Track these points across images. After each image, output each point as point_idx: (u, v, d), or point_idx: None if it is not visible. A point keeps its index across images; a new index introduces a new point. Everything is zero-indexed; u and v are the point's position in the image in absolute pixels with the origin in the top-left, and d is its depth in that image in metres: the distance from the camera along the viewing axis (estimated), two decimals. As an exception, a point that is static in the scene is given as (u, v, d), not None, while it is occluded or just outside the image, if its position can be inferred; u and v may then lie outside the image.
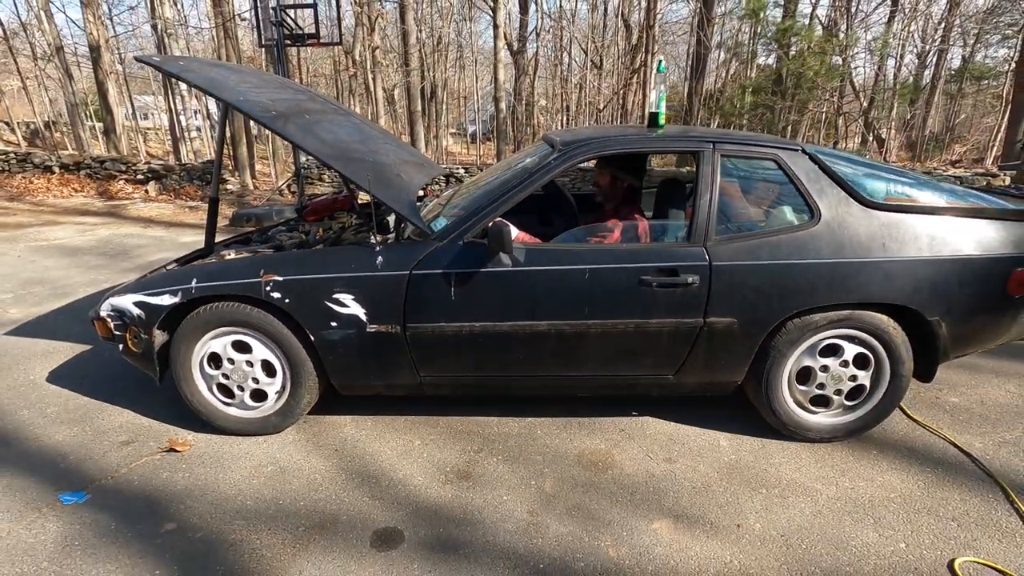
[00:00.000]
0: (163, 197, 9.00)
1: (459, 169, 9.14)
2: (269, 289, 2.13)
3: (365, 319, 2.14)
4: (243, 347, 2.25)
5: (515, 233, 2.32)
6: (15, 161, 9.54)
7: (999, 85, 16.30)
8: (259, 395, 2.33)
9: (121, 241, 6.17)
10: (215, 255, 2.59)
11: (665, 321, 2.13)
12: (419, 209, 2.35)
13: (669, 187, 2.68)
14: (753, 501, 1.99)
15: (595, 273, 2.10)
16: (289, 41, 8.13)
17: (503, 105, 13.05)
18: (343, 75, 19.31)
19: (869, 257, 2.09)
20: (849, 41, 11.27)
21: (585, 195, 3.37)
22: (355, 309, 2.13)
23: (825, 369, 2.23)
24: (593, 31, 18.06)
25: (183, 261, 2.62)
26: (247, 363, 2.26)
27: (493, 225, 2.02)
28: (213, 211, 2.75)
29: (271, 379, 2.29)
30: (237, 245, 2.85)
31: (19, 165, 9.52)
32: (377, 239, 2.23)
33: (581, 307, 2.11)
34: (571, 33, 18.01)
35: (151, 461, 2.21)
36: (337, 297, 2.12)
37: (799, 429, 2.32)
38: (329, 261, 2.16)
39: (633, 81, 15.40)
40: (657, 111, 2.50)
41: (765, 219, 2.38)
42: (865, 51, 12.78)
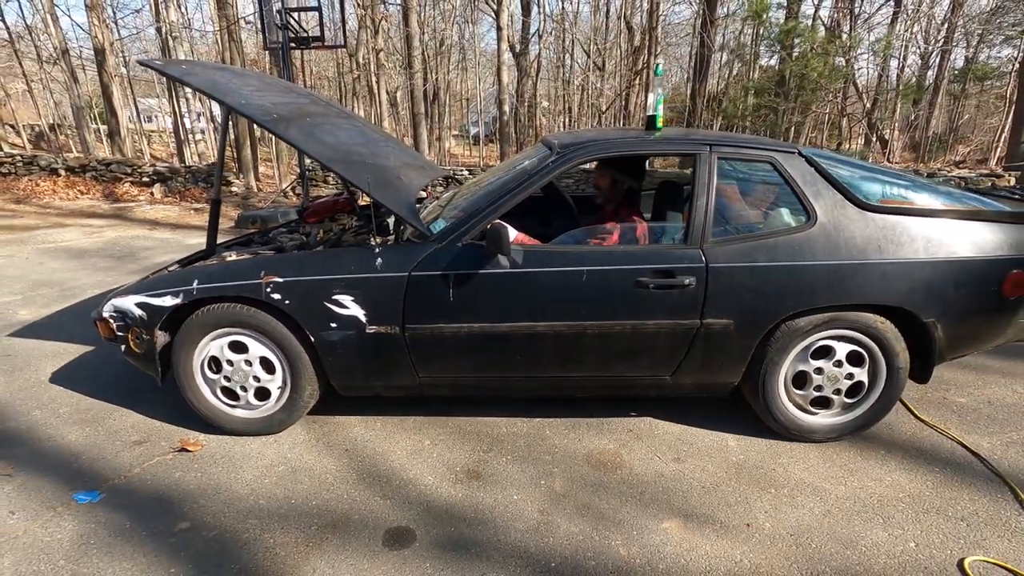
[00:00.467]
0: (168, 199, 9.04)
1: (462, 171, 9.17)
2: (269, 290, 2.15)
3: (364, 320, 2.15)
4: (243, 348, 2.27)
5: (514, 235, 2.34)
6: (21, 164, 9.60)
7: (1003, 85, 16.29)
8: (261, 395, 2.35)
9: (128, 243, 6.21)
10: (216, 256, 2.61)
11: (662, 322, 2.14)
12: (419, 211, 2.36)
13: (667, 189, 2.69)
14: (762, 501, 2.00)
15: (592, 275, 2.11)
16: (294, 44, 8.17)
17: (507, 107, 13.07)
18: (346, 77, 19.37)
19: (865, 259, 2.10)
20: (852, 42, 11.28)
21: (586, 197, 3.39)
22: (355, 310, 2.15)
23: (821, 371, 2.25)
24: (595, 33, 18.10)
25: (185, 262, 2.64)
26: (247, 363, 2.28)
27: (491, 227, 2.04)
28: (215, 213, 2.77)
29: (271, 379, 2.31)
30: (238, 247, 2.87)
31: (25, 168, 9.58)
32: (377, 241, 2.24)
33: (579, 308, 2.13)
34: (573, 35, 18.05)
35: (163, 461, 2.23)
36: (337, 298, 2.14)
37: (796, 429, 2.33)
38: (329, 262, 2.18)
39: (636, 83, 15.43)
40: (655, 114, 2.52)
41: (762, 221, 2.38)
42: (868, 52, 12.78)
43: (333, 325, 2.16)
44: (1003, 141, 14.55)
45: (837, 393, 2.27)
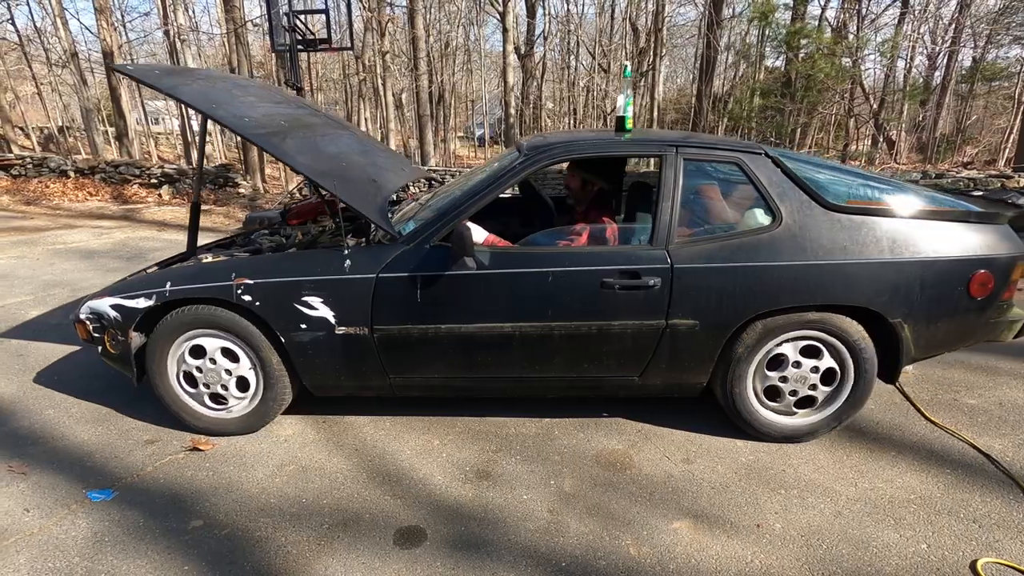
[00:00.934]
0: (176, 200, 9.09)
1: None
2: (240, 292, 2.17)
3: (334, 321, 2.17)
4: (218, 349, 2.29)
5: (484, 236, 2.35)
6: (31, 166, 9.69)
7: (1011, 86, 16.19)
8: (232, 396, 2.37)
9: (136, 244, 6.25)
10: (194, 259, 2.63)
11: (628, 323, 2.15)
12: (395, 212, 2.34)
13: (638, 190, 2.70)
14: (772, 501, 2.00)
15: (558, 276, 2.12)
16: (301, 46, 8.21)
17: (512, 109, 13.09)
18: (352, 80, 19.45)
19: (830, 260, 2.10)
20: (860, 43, 11.24)
21: (565, 198, 3.39)
22: (324, 311, 2.16)
23: (791, 369, 2.25)
24: (600, 35, 18.09)
25: (164, 264, 2.67)
26: (222, 366, 2.30)
27: (455, 229, 2.05)
28: (195, 215, 2.81)
29: (245, 381, 2.33)
30: (218, 249, 2.89)
31: (35, 170, 9.66)
32: (347, 243, 2.26)
33: (545, 309, 2.14)
34: (578, 37, 18.05)
35: (175, 460, 2.24)
36: (306, 300, 2.16)
37: (765, 429, 2.33)
38: (299, 264, 2.20)
39: (641, 84, 15.43)
40: (624, 115, 2.52)
41: (728, 222, 2.37)
42: (875, 52, 12.72)
43: (303, 326, 2.18)
44: (1012, 142, 14.47)
45: (797, 394, 2.28)
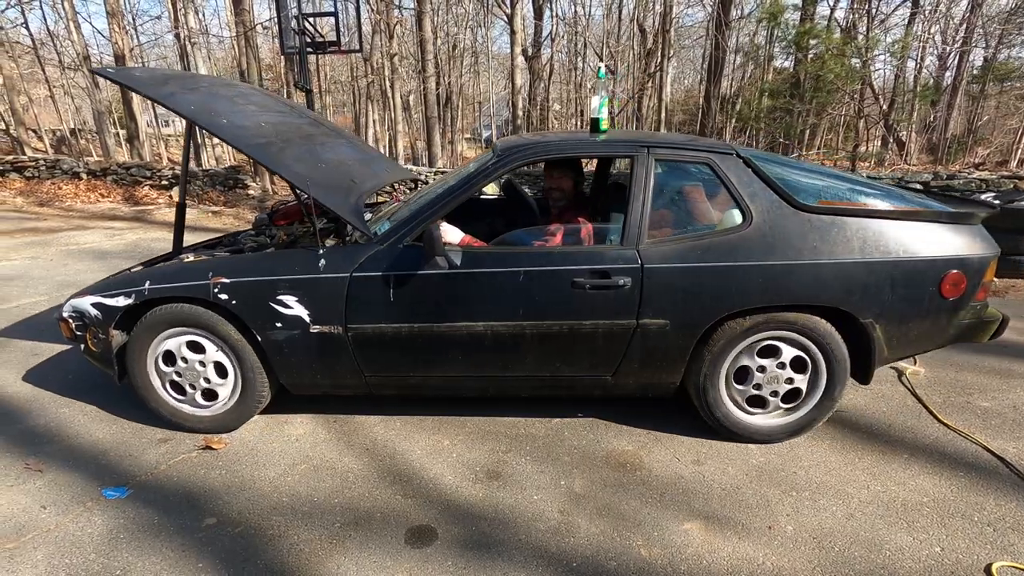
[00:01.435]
0: (187, 202, 9.17)
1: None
2: (217, 291, 2.20)
3: (308, 320, 2.19)
4: (195, 347, 2.33)
5: (459, 237, 2.36)
6: (44, 168, 9.80)
7: (1023, 86, 16.02)
8: (210, 394, 2.40)
9: (148, 245, 6.31)
10: (177, 258, 2.66)
11: (599, 323, 2.16)
12: (374, 213, 2.33)
13: (615, 191, 2.70)
14: (784, 503, 1.99)
15: (529, 275, 2.13)
16: (310, 49, 8.26)
17: (519, 110, 13.11)
18: (360, 81, 19.55)
19: (800, 259, 2.10)
20: (870, 43, 11.16)
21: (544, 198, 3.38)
22: (298, 310, 2.18)
23: (762, 370, 2.25)
24: (608, 36, 18.08)
25: (149, 264, 2.70)
26: (200, 363, 2.33)
27: (427, 228, 2.07)
28: (180, 216, 2.84)
29: (223, 379, 2.36)
30: (203, 249, 2.92)
31: (48, 171, 9.78)
32: (324, 243, 2.27)
33: (516, 309, 2.15)
34: (586, 38, 18.05)
35: (188, 458, 2.27)
36: (281, 299, 2.18)
37: (737, 429, 2.33)
38: (275, 264, 2.23)
39: (648, 86, 15.40)
40: (598, 116, 2.53)
41: (699, 222, 2.36)
42: (885, 53, 12.63)
43: (278, 325, 2.21)
44: (1023, 143, 14.32)
45: (774, 395, 2.28)
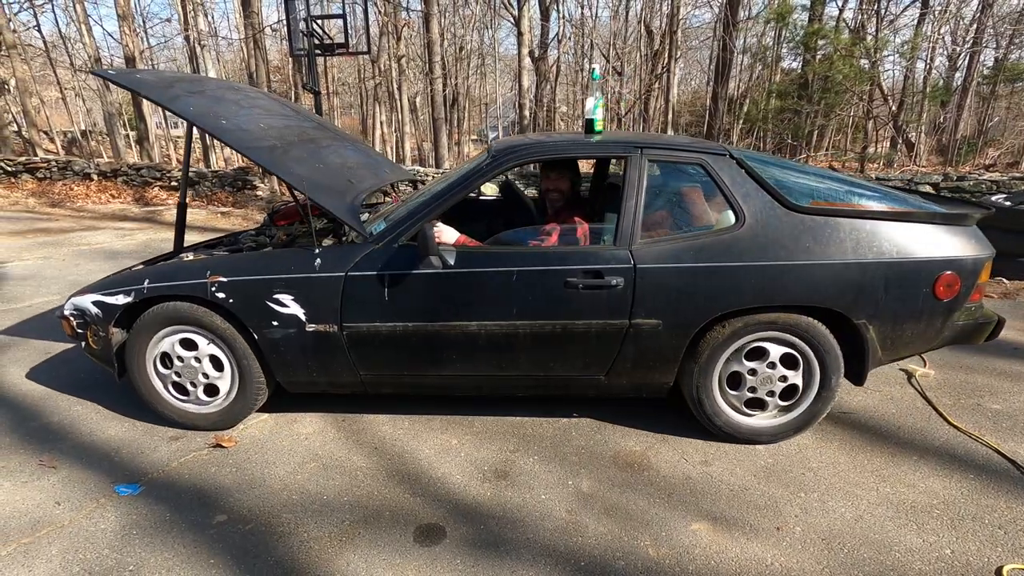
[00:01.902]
0: (196, 203, 9.24)
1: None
2: (214, 289, 2.22)
3: (304, 319, 2.21)
4: (192, 345, 2.35)
5: (455, 237, 2.37)
6: (56, 169, 9.91)
7: (1035, 87, 15.83)
8: (210, 391, 2.42)
9: (158, 246, 6.37)
10: (177, 257, 2.69)
11: (592, 323, 2.16)
12: (373, 214, 2.34)
13: (611, 192, 2.70)
14: (792, 504, 1.99)
15: (523, 275, 2.14)
16: (319, 51, 8.32)
17: (526, 112, 13.13)
18: (368, 83, 19.63)
19: (793, 260, 2.10)
20: (879, 44, 11.10)
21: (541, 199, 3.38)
22: (294, 309, 2.21)
23: (754, 372, 2.24)
24: (614, 37, 18.06)
25: (149, 263, 2.73)
26: (195, 359, 2.36)
27: (421, 228, 2.09)
28: (181, 216, 2.86)
29: (219, 372, 2.39)
30: (203, 248, 2.95)
31: (60, 173, 9.89)
32: (320, 242, 2.28)
33: (510, 308, 2.16)
34: (592, 40, 18.03)
35: (199, 456, 2.29)
36: (277, 297, 2.20)
37: (732, 430, 2.33)
38: (272, 263, 2.25)
39: (655, 87, 15.38)
40: (592, 117, 2.54)
41: (692, 222, 2.35)
42: (894, 54, 12.56)
43: (275, 323, 2.23)
44: (1035, 144, 14.17)
45: (770, 395, 2.28)
